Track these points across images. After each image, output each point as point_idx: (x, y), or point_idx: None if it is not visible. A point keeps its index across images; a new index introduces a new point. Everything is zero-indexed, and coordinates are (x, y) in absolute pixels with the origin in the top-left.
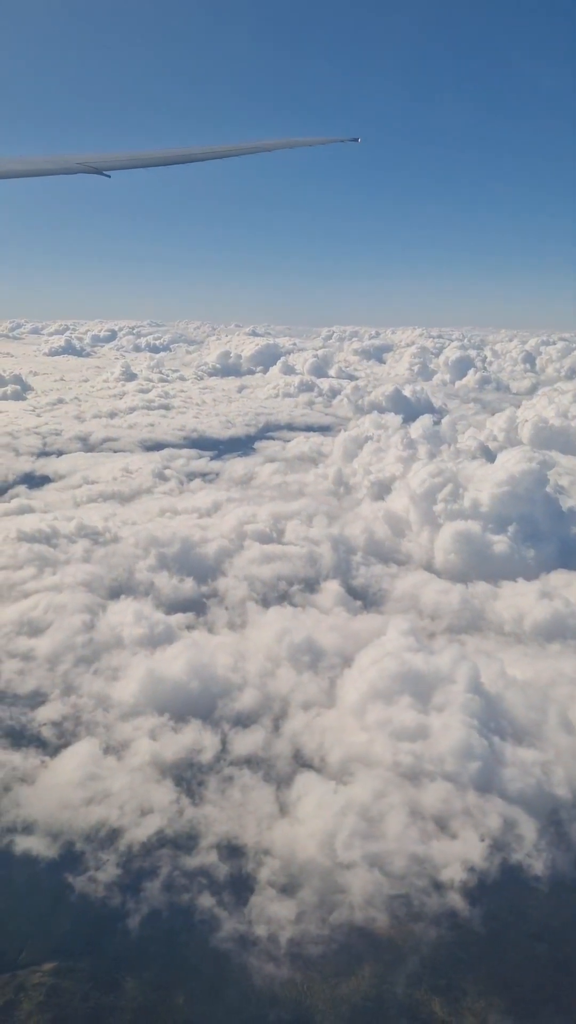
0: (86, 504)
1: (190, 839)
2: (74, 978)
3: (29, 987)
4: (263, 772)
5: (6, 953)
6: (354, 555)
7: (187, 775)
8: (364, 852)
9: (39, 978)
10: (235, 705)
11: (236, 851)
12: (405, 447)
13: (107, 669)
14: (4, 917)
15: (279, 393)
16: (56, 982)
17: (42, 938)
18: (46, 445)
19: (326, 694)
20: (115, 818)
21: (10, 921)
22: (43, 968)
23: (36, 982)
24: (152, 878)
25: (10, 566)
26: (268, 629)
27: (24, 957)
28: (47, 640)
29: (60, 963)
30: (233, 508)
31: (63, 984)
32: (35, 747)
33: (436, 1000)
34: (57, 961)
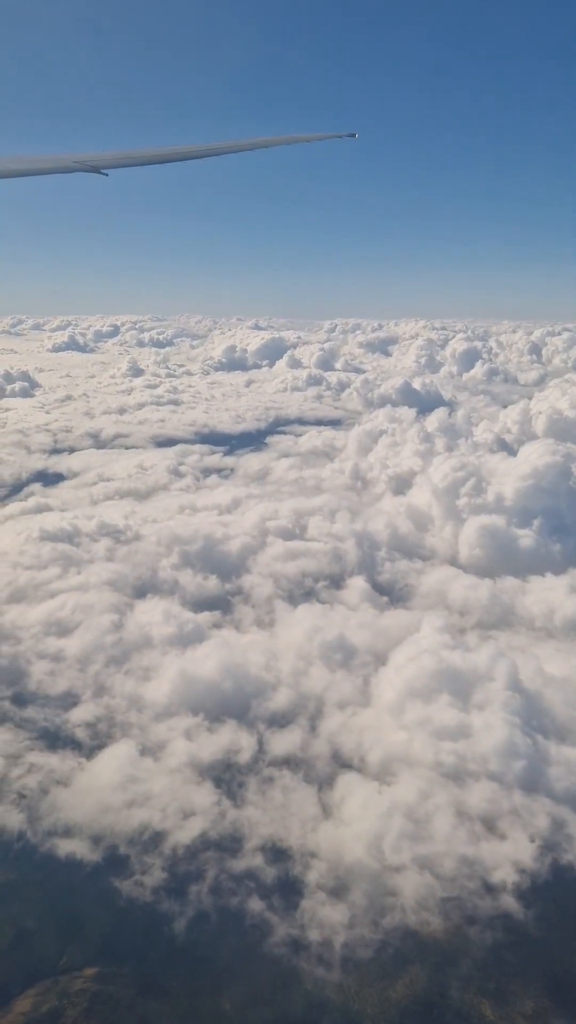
0: (103, 502)
1: (234, 842)
2: (117, 983)
3: (72, 993)
4: (303, 773)
5: (47, 958)
6: (378, 551)
7: (225, 776)
8: (413, 854)
9: (82, 984)
10: (269, 705)
11: (281, 854)
12: (422, 441)
13: (138, 669)
14: (44, 922)
15: (287, 387)
16: (100, 988)
17: (83, 943)
18: (57, 442)
19: (360, 693)
20: (158, 821)
21: (50, 926)
22: (84, 973)
23: (79, 988)
24: (198, 882)
25: (35, 566)
26: (298, 627)
27: (65, 962)
28: (76, 640)
29: (102, 968)
30: (253, 504)
31: (107, 990)
32: (71, 749)
33: (486, 1003)
34: (99, 966)
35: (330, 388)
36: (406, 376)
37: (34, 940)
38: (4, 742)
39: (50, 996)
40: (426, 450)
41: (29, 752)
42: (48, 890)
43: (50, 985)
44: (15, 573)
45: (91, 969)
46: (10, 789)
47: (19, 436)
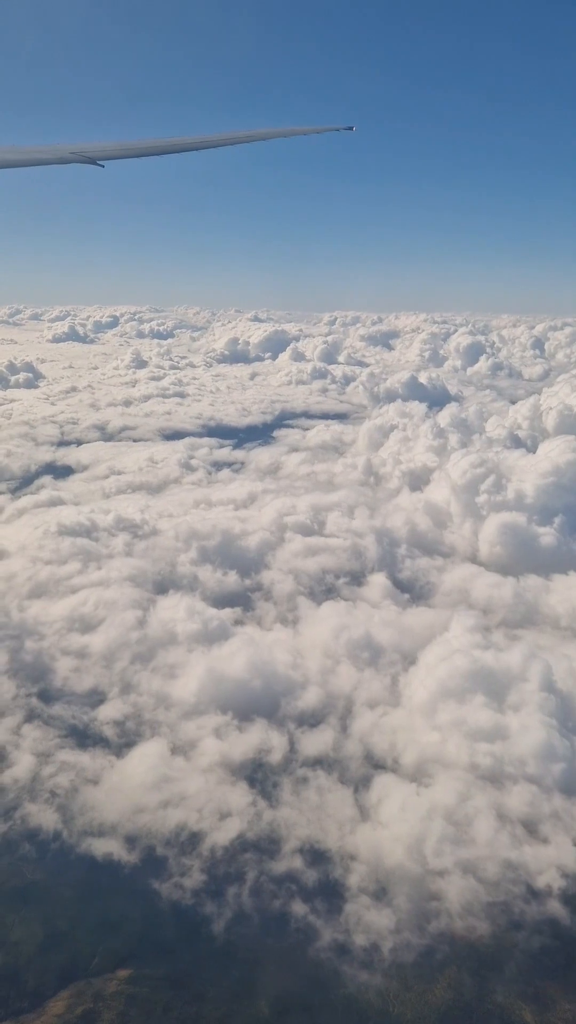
0: (116, 495)
1: (272, 843)
2: (151, 986)
3: (107, 996)
4: (337, 773)
5: (78, 960)
6: (398, 547)
7: (258, 776)
8: (456, 858)
9: (116, 986)
10: (298, 704)
11: (320, 856)
12: (435, 436)
13: (164, 667)
14: (75, 922)
15: (292, 380)
16: (135, 990)
17: (115, 944)
18: (64, 434)
19: (389, 692)
20: (194, 822)
21: (81, 926)
22: (118, 975)
23: (114, 990)
24: (238, 883)
25: (55, 560)
26: (323, 625)
27: (97, 963)
28: (100, 637)
29: (135, 970)
30: (269, 499)
31: (142, 992)
32: (100, 747)
33: (527, 1008)
34: (132, 968)
35: (335, 382)
36: (411, 370)
37: (65, 941)
38: (34, 740)
39: (84, 998)
40: (439, 446)
41: (59, 750)
42: (80, 890)
43: (83, 987)
44: (35, 568)
45: (124, 971)
46: (43, 788)
47: (26, 428)
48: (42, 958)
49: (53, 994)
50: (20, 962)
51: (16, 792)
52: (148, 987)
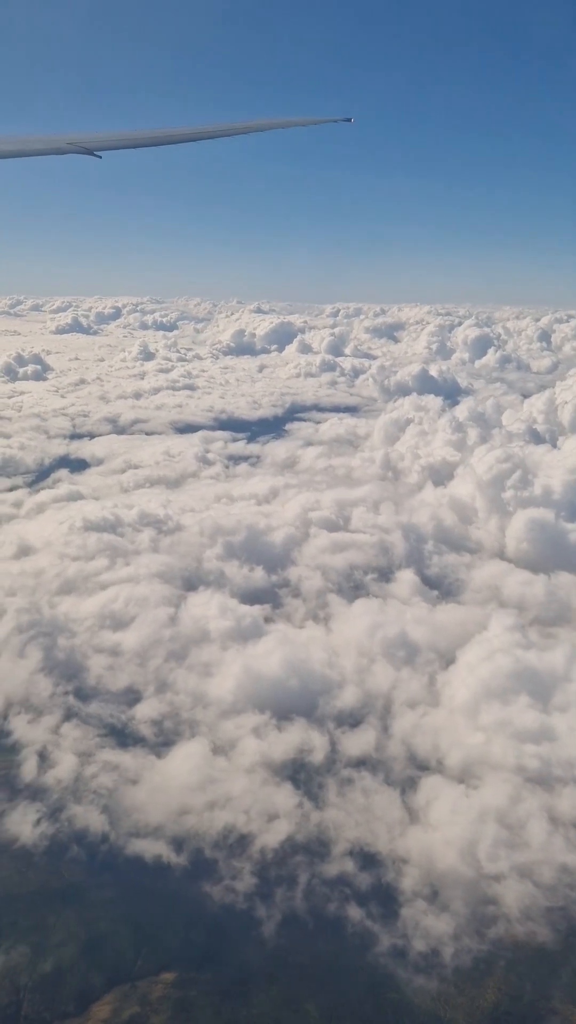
0: (134, 490)
1: (321, 845)
2: (198, 989)
3: (153, 1000)
4: (383, 775)
5: (121, 963)
6: (425, 543)
7: (301, 777)
8: (511, 862)
9: (161, 990)
10: (336, 703)
11: (371, 859)
12: (453, 430)
13: (198, 664)
14: (117, 924)
15: (300, 373)
16: (182, 994)
17: (158, 947)
18: (76, 427)
19: (427, 691)
20: (243, 823)
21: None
22: (161, 978)
23: (159, 995)
24: (290, 887)
25: (82, 556)
26: (357, 623)
27: (139, 967)
28: (133, 634)
29: (180, 973)
30: (292, 495)
31: (189, 996)
32: (140, 747)
33: None
34: (176, 971)
35: (344, 374)
36: (420, 363)
37: (108, 943)
38: (74, 739)
39: (130, 1002)
40: (458, 440)
41: (100, 750)
42: (120, 892)
43: (128, 990)
44: (63, 564)
45: (169, 974)
46: (86, 788)
47: (37, 421)
48: (85, 961)
49: (97, 998)
50: (63, 965)
51: (60, 793)
52: (195, 991)
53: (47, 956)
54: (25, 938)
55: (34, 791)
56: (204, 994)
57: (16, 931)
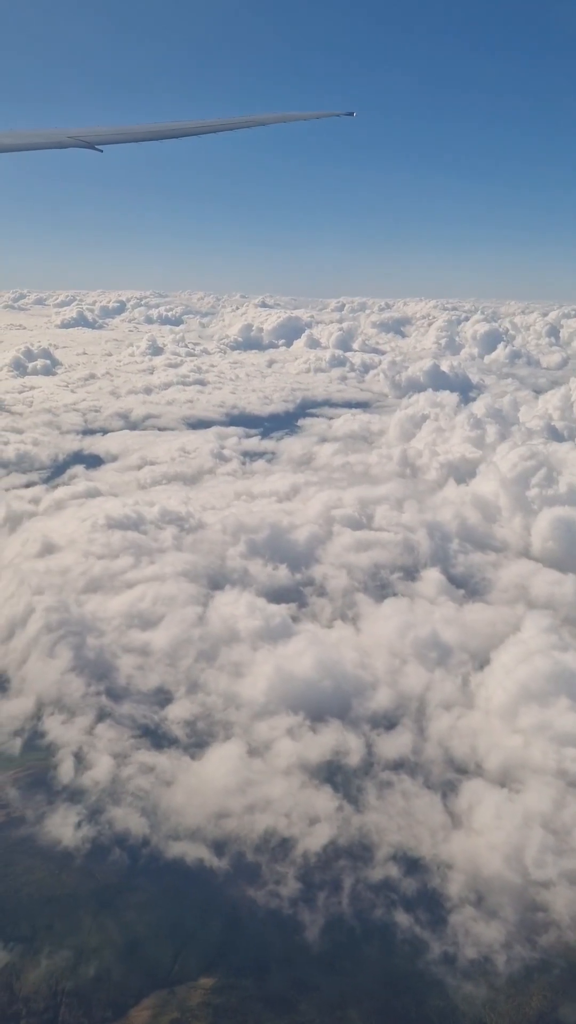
0: (152, 486)
1: (364, 850)
2: (239, 995)
3: (193, 1006)
4: (422, 778)
5: (159, 967)
6: (450, 542)
7: (338, 779)
8: (560, 869)
9: (201, 996)
10: (370, 704)
11: (415, 864)
12: (472, 427)
13: (229, 665)
14: (154, 929)
15: (310, 368)
16: (222, 1000)
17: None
18: (88, 422)
19: (461, 693)
20: (284, 827)
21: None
22: (200, 983)
23: (199, 1000)
24: (335, 892)
25: (107, 555)
26: (387, 623)
27: (177, 971)
28: (162, 634)
29: (219, 979)
30: (313, 492)
31: (230, 1002)
32: (175, 748)
33: None
34: (214, 977)
35: (353, 369)
36: (430, 359)
37: (145, 947)
38: (109, 740)
39: (169, 1008)
40: (477, 437)
41: (135, 751)
42: (159, 896)
43: (167, 996)
44: (88, 562)
45: (208, 979)
46: (124, 790)
47: (49, 416)
48: (123, 965)
49: (136, 1003)
50: (101, 969)
51: (98, 795)
52: (235, 998)
53: (85, 960)
54: (62, 942)
55: (72, 792)
56: (245, 1000)
57: (53, 935)
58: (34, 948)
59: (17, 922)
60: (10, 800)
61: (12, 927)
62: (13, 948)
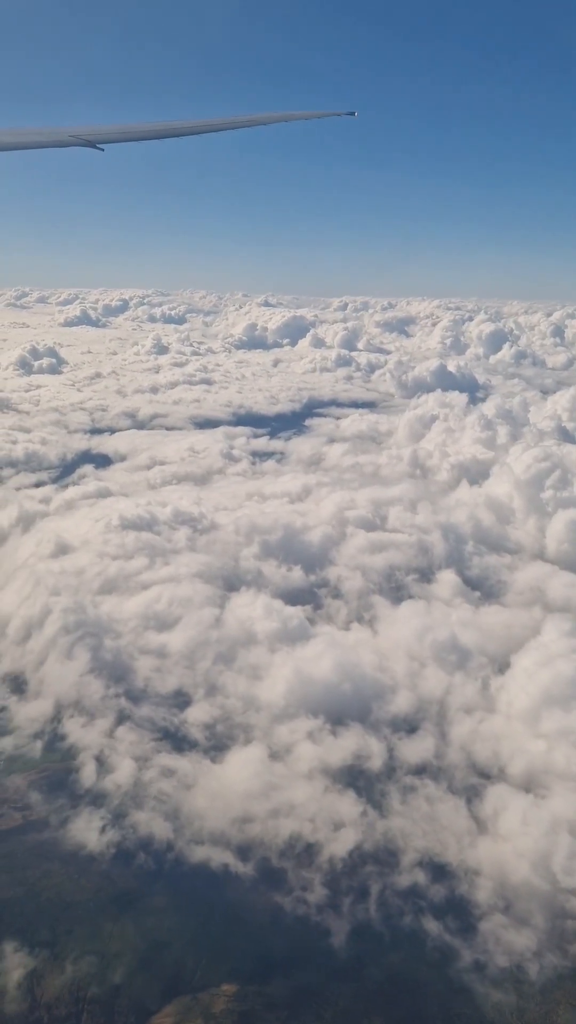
0: (162, 486)
1: (390, 855)
2: (262, 1003)
3: (216, 1013)
4: (445, 783)
5: (181, 973)
6: (464, 544)
7: (360, 783)
8: None
9: (224, 1003)
10: (391, 708)
11: (441, 870)
12: (482, 428)
13: (246, 667)
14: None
15: (316, 368)
16: (245, 1008)
17: (216, 958)
18: (95, 421)
19: (482, 697)
20: (309, 832)
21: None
22: (223, 990)
23: (222, 1007)
24: (362, 898)
25: (121, 555)
26: (404, 625)
27: (199, 978)
28: (179, 635)
29: (241, 986)
30: (325, 493)
31: (254, 1009)
32: (196, 751)
33: None
34: (236, 984)
35: (359, 369)
36: (435, 358)
37: (167, 953)
38: (130, 743)
39: (192, 1015)
40: (488, 438)
41: (156, 754)
42: (179, 901)
43: (189, 1003)
44: (103, 563)
45: (230, 986)
46: (146, 794)
47: (56, 415)
48: (144, 971)
49: (158, 1009)
50: (123, 975)
51: (120, 799)
52: (259, 1004)
53: (107, 966)
54: (84, 947)
55: (95, 796)
56: (269, 1007)
57: (74, 940)
58: (55, 953)
59: (38, 927)
60: (32, 803)
61: (34, 932)
62: (38, 954)
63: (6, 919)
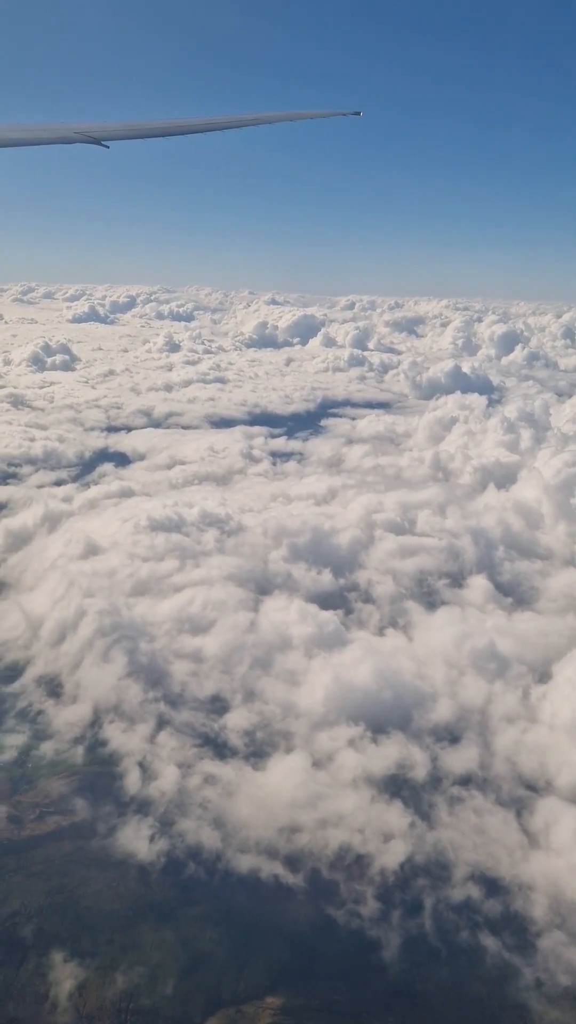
0: (184, 487)
1: (442, 868)
2: (309, 1017)
3: None
4: (493, 794)
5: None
6: (495, 549)
7: (406, 793)
8: None
9: (269, 1016)
10: (431, 717)
11: (494, 884)
12: (505, 431)
13: (284, 672)
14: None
15: (328, 367)
16: (292, 1020)
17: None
18: (110, 419)
19: (523, 706)
20: (359, 843)
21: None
22: (267, 1003)
23: (267, 1021)
24: (415, 912)
25: (152, 557)
26: (441, 632)
27: (243, 989)
28: (214, 640)
29: (287, 999)
30: (352, 495)
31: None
32: (236, 758)
33: None
34: (281, 996)
35: (372, 369)
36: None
37: (209, 964)
38: (172, 749)
39: None
40: (511, 441)
41: (199, 761)
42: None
43: (233, 1015)
44: (134, 565)
45: (274, 999)
46: (191, 802)
47: (71, 412)
48: (186, 982)
49: (201, 1021)
50: (164, 987)
51: (165, 806)
52: (307, 1018)
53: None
54: (126, 958)
55: (140, 803)
56: (314, 1021)
57: (115, 950)
58: (98, 964)
59: (80, 937)
60: (78, 810)
61: (75, 941)
62: (88, 964)
63: (48, 928)
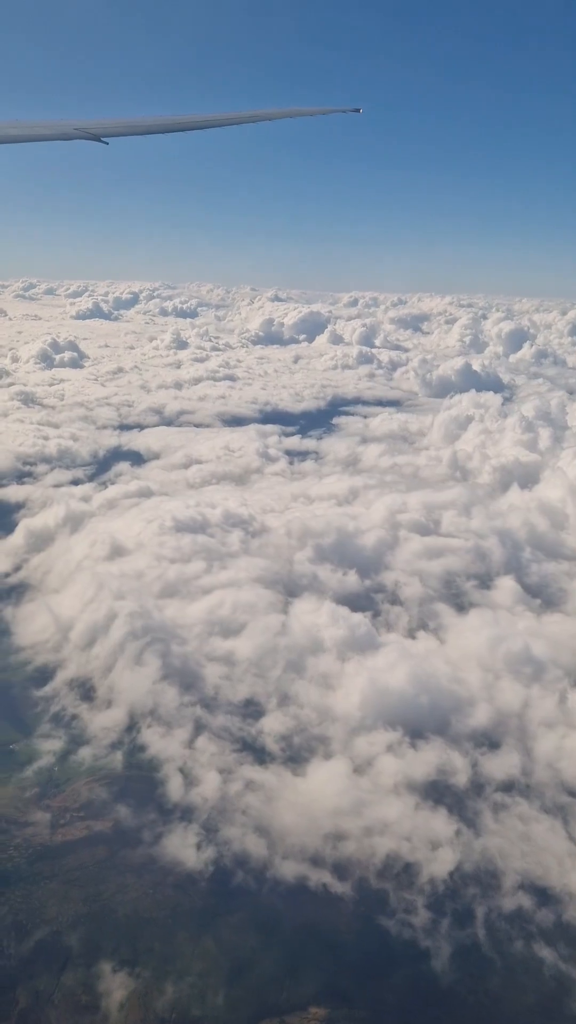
0: (201, 486)
1: (491, 877)
2: None
3: None
4: (537, 801)
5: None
6: (522, 550)
7: (448, 800)
8: None
9: None
10: (469, 722)
11: (545, 893)
12: (524, 430)
13: (317, 676)
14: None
15: (337, 365)
16: None
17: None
18: (122, 417)
19: (561, 711)
20: (407, 851)
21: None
22: (311, 1013)
23: None
24: (467, 921)
25: (179, 559)
26: (475, 635)
27: (286, 999)
28: (245, 642)
29: (332, 1009)
30: (374, 496)
31: None
32: (276, 763)
33: None
34: (327, 1007)
35: (381, 367)
36: (458, 357)
37: (250, 974)
38: (212, 755)
39: None
40: (529, 440)
41: (239, 767)
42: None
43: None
44: (161, 566)
45: (318, 1009)
46: (234, 808)
47: (83, 410)
48: (229, 991)
49: None
50: (207, 995)
51: (208, 813)
52: None
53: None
54: (171, 966)
55: (183, 810)
56: None
57: (155, 958)
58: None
59: (121, 946)
60: (121, 818)
61: (119, 951)
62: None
63: (93, 937)
